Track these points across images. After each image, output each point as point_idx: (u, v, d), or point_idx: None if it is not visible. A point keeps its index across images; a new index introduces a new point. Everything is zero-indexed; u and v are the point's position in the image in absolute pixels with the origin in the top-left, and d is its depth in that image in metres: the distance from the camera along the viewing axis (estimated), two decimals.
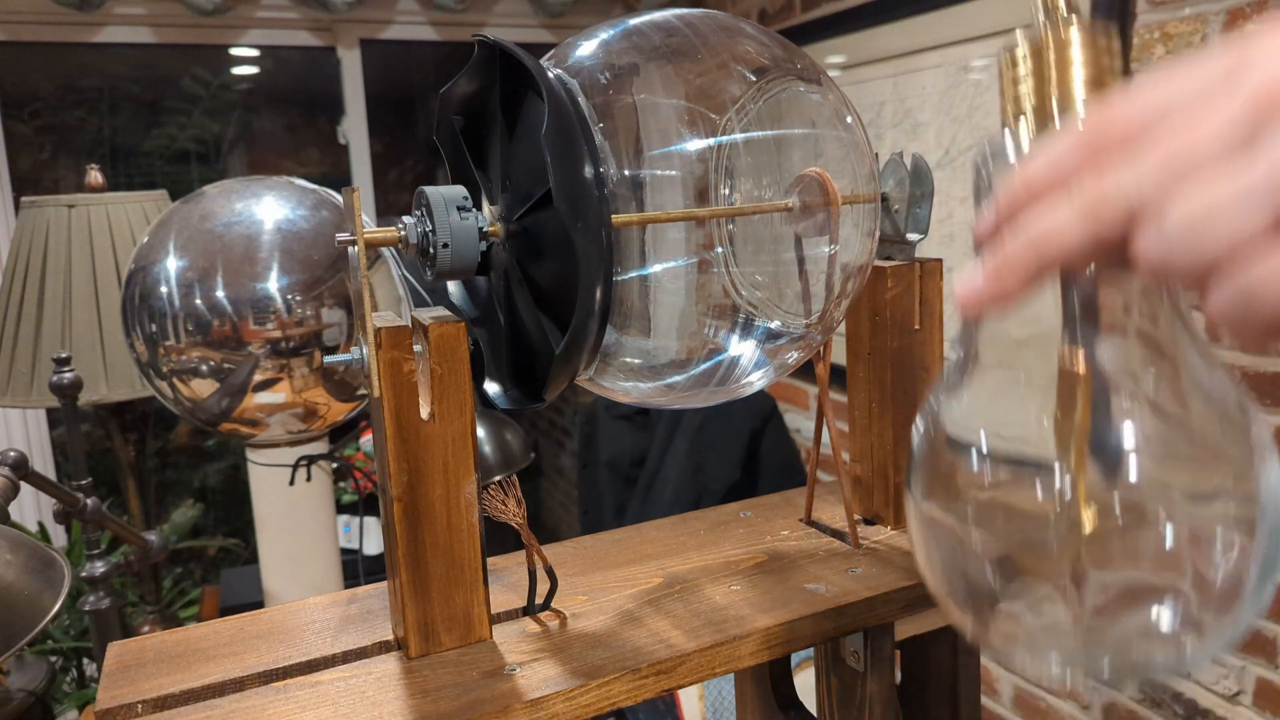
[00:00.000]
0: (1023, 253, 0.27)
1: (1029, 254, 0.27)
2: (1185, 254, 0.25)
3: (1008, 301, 0.28)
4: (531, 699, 0.46)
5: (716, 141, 0.49)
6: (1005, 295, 0.28)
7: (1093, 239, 0.26)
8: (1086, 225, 0.26)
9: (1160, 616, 0.32)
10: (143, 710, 0.47)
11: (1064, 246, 0.27)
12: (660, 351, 0.51)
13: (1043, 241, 0.27)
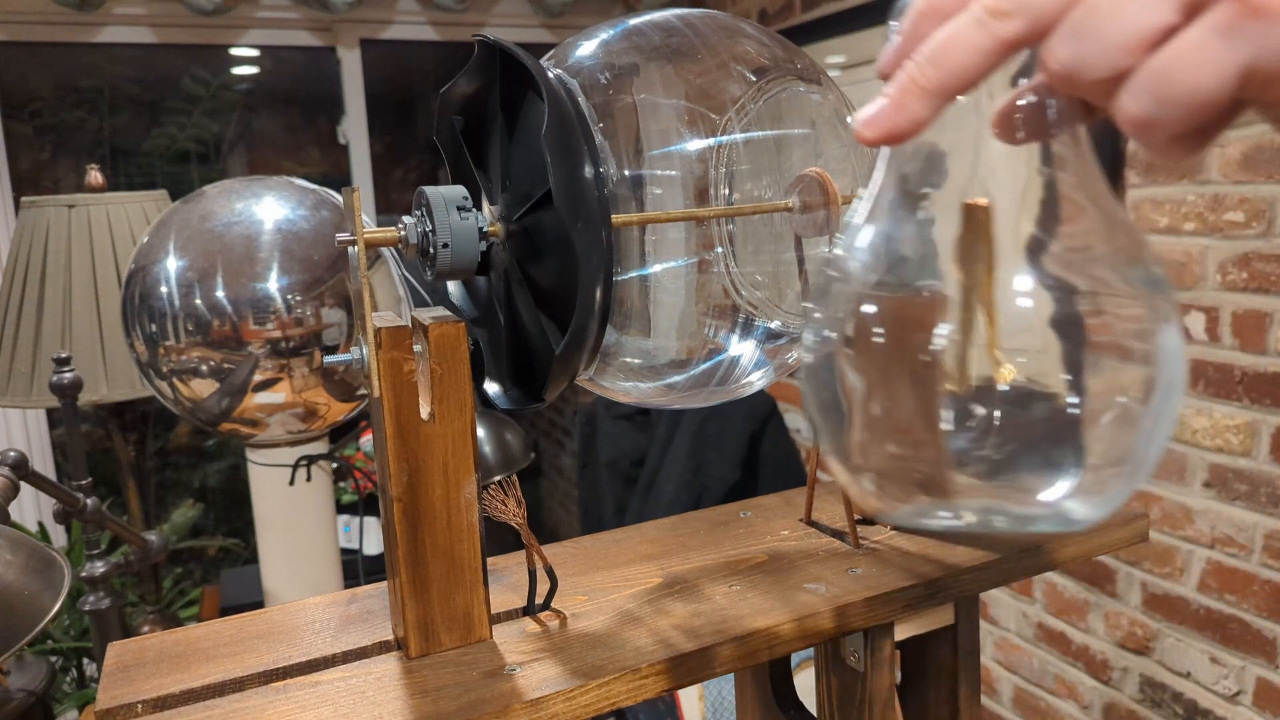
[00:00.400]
0: (923, 71, 0.26)
1: (929, 72, 0.26)
2: (1094, 54, 0.24)
3: (912, 127, 0.27)
4: (531, 699, 0.46)
5: (716, 141, 0.49)
6: (909, 119, 0.27)
7: (995, 48, 0.25)
8: (986, 32, 0.25)
9: (1045, 464, 0.32)
10: (143, 710, 0.47)
11: (965, 59, 0.25)
12: (660, 351, 0.51)
13: (942, 56, 0.26)
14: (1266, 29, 0.22)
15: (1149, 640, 1.54)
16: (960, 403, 0.32)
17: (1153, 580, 1.52)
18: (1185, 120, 0.23)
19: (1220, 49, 0.22)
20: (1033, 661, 1.78)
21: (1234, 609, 1.40)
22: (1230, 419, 1.36)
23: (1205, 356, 1.39)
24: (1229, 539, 1.39)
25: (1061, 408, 0.31)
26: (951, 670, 0.65)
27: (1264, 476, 1.33)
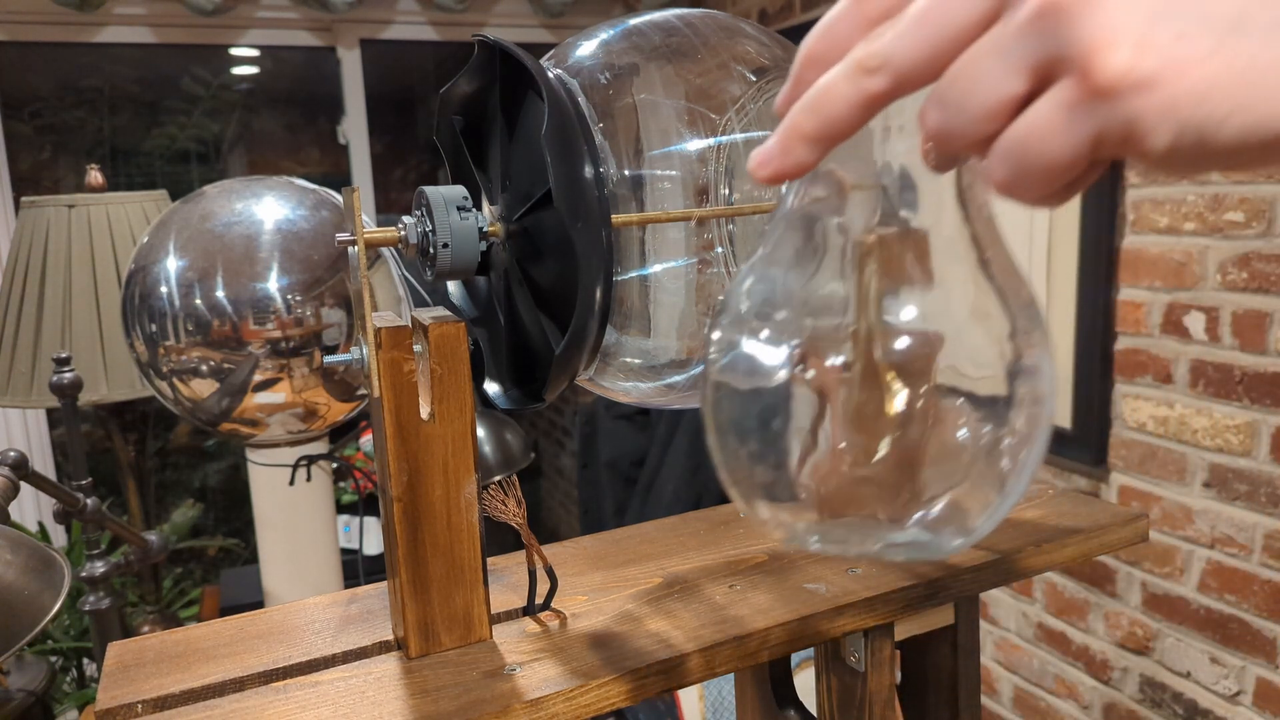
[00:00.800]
0: (804, 118, 0.28)
1: (809, 119, 0.27)
2: (958, 123, 0.25)
3: (797, 169, 0.28)
4: (531, 699, 0.46)
5: (717, 141, 0.49)
6: (794, 162, 0.28)
7: (863, 101, 0.26)
8: (855, 86, 0.26)
9: (923, 494, 0.33)
10: (143, 710, 0.47)
11: (838, 110, 0.27)
12: (660, 351, 0.51)
13: (819, 105, 0.27)
14: (1110, 107, 0.23)
15: (1149, 640, 1.54)
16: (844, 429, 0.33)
17: (1153, 580, 1.52)
18: (1046, 183, 0.25)
19: (1068, 123, 0.23)
20: (1033, 661, 1.78)
21: (1234, 609, 1.40)
22: (1230, 419, 1.36)
23: (1205, 356, 1.39)
24: (1229, 539, 1.39)
25: (941, 437, 0.33)
26: (951, 670, 0.65)
27: (1264, 476, 1.33)
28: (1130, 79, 0.22)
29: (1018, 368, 0.33)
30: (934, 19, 0.25)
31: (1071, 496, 0.69)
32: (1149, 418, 1.49)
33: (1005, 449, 0.33)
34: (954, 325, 0.34)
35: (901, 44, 0.26)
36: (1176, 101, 0.22)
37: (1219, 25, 0.22)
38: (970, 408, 0.33)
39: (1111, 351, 1.53)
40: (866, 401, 0.33)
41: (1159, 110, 0.22)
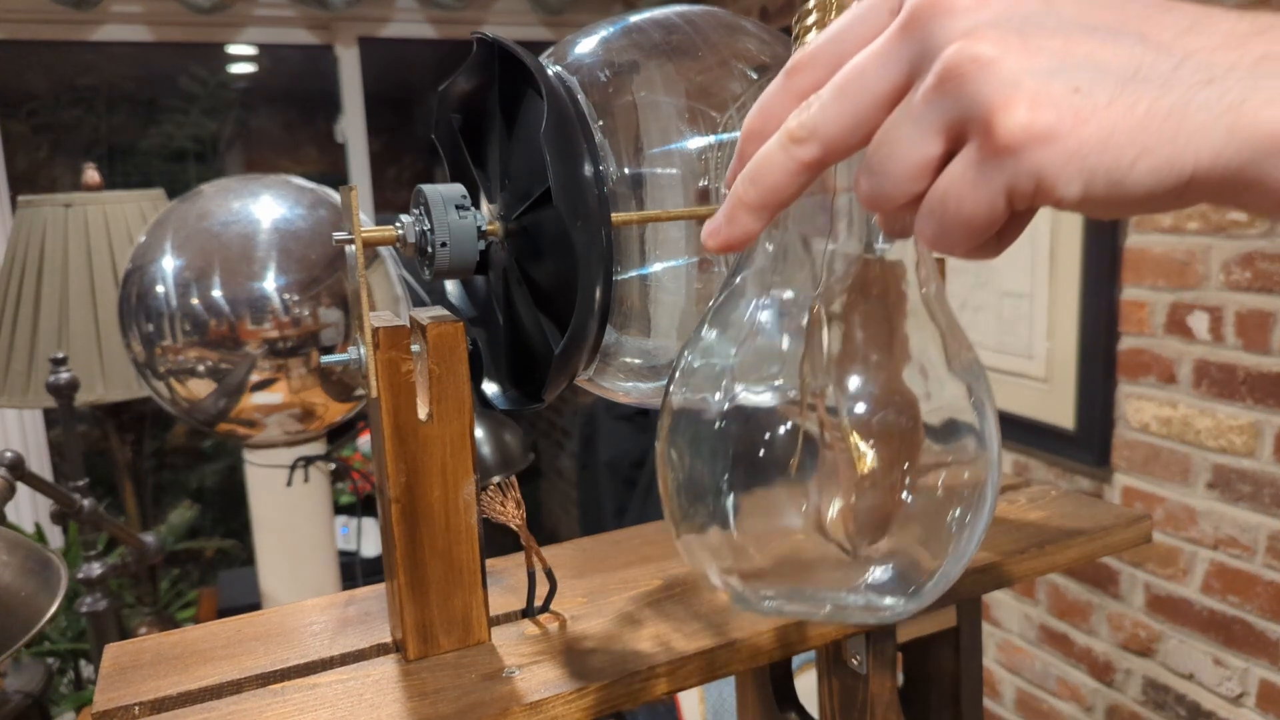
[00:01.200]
0: (745, 189, 0.29)
1: (750, 190, 0.29)
2: (886, 187, 0.27)
3: (744, 237, 0.30)
4: (530, 702, 0.45)
5: (717, 139, 0.48)
6: (741, 231, 0.30)
7: (797, 169, 0.28)
8: (788, 155, 0.28)
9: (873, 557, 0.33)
10: (140, 712, 0.46)
11: (775, 179, 0.28)
12: (660, 351, 0.50)
13: (758, 175, 0.29)
14: (1015, 161, 0.24)
15: (1152, 642, 1.54)
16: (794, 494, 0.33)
17: (1156, 582, 1.52)
18: (969, 237, 0.26)
19: (979, 180, 0.25)
20: (1035, 663, 1.78)
21: (1237, 610, 1.39)
22: (1234, 419, 1.36)
23: (1209, 357, 1.39)
24: (1232, 540, 1.39)
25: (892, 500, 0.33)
26: (954, 673, 0.64)
27: (1268, 477, 1.33)
28: (1030, 134, 0.23)
29: (967, 430, 0.34)
30: (852, 90, 0.27)
31: (1074, 497, 0.69)
32: (1152, 418, 1.48)
33: (955, 511, 0.33)
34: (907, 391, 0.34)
35: (825, 114, 0.27)
36: (1079, 150, 0.23)
37: (1115, 76, 0.24)
38: (922, 470, 0.33)
39: (1115, 352, 1.53)
40: (817, 465, 0.33)
41: (1062, 160, 0.23)
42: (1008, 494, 0.71)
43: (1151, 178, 0.23)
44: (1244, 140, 0.23)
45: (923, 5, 0.25)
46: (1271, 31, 0.24)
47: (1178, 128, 0.23)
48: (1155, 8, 0.25)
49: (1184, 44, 0.24)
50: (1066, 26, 0.25)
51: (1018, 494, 0.70)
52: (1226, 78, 0.23)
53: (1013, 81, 0.24)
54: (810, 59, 0.29)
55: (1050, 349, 1.63)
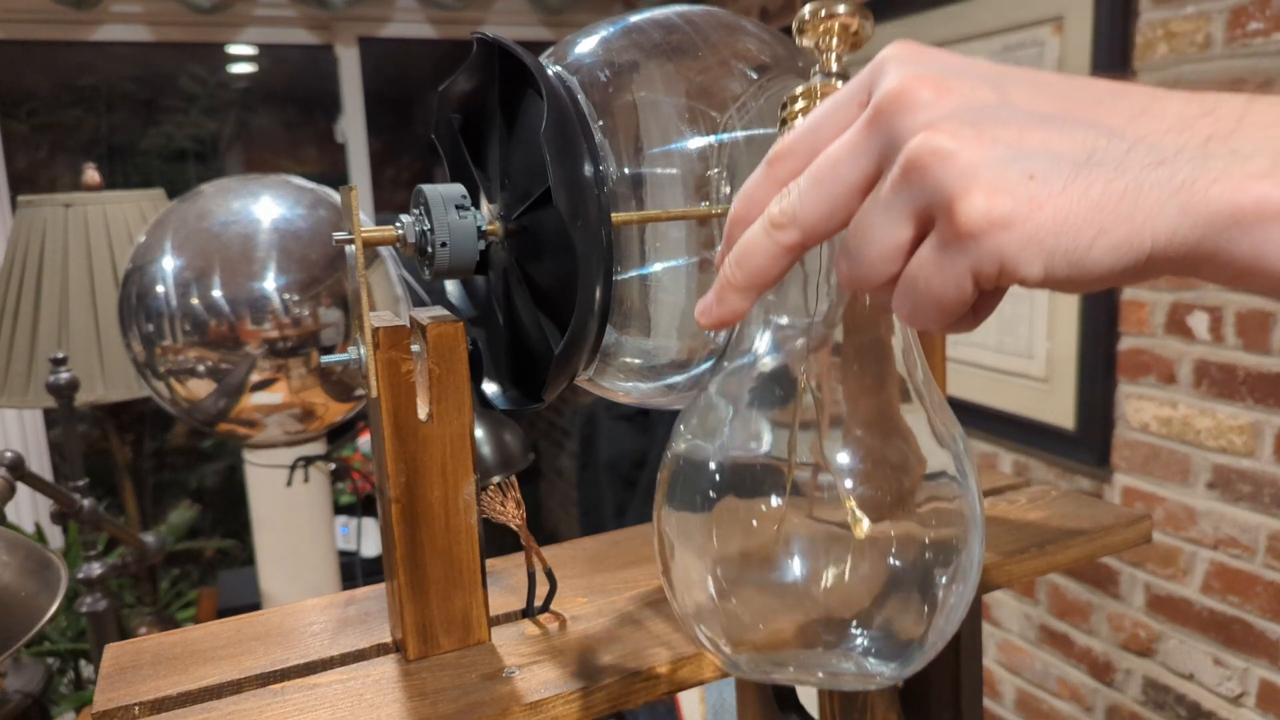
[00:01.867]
0: (733, 272, 0.31)
1: (737, 273, 0.31)
2: (863, 270, 0.28)
3: (734, 316, 0.32)
4: (530, 702, 0.45)
5: (717, 139, 0.48)
6: (730, 310, 0.32)
7: (779, 252, 0.30)
8: (770, 240, 0.30)
9: (862, 626, 0.34)
10: (140, 712, 0.46)
11: (759, 262, 0.30)
12: (660, 351, 0.50)
13: (743, 259, 0.30)
14: (978, 246, 0.25)
15: (1152, 642, 1.54)
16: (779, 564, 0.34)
17: (1156, 582, 1.52)
18: (942, 316, 0.28)
19: (945, 264, 0.26)
20: (1035, 664, 1.78)
21: (1237, 610, 1.39)
22: (1234, 419, 1.36)
23: (1209, 357, 1.39)
24: (1232, 540, 1.39)
25: (880, 571, 0.34)
26: (954, 673, 0.64)
27: (1268, 477, 1.33)
28: (988, 220, 0.25)
29: (953, 498, 0.35)
30: (827, 179, 0.28)
31: (1074, 498, 0.69)
32: (1152, 418, 1.48)
33: (942, 577, 0.34)
34: (896, 460, 0.35)
35: (804, 202, 0.29)
36: (1037, 234, 0.25)
37: (1069, 162, 0.25)
38: (910, 538, 0.34)
39: (1115, 352, 1.53)
40: (805, 535, 0.34)
41: (1021, 244, 0.25)
42: (1007, 494, 0.71)
43: (1111, 256, 0.25)
44: (1197, 217, 0.24)
45: (887, 100, 0.27)
46: (1217, 112, 0.25)
47: (1133, 208, 0.25)
48: (1107, 94, 0.27)
49: (1135, 128, 0.26)
50: (1020, 117, 0.26)
51: (1018, 494, 0.70)
52: (1176, 159, 0.25)
53: (970, 171, 0.25)
54: (789, 149, 0.30)
55: (1050, 349, 1.63)
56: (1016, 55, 1.63)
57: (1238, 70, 1.29)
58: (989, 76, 0.27)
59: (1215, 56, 1.32)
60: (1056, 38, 1.55)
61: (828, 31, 0.35)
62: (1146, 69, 1.42)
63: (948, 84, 0.27)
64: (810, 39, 0.35)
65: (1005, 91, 0.27)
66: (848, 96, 0.29)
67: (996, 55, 1.67)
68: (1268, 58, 1.25)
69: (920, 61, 0.28)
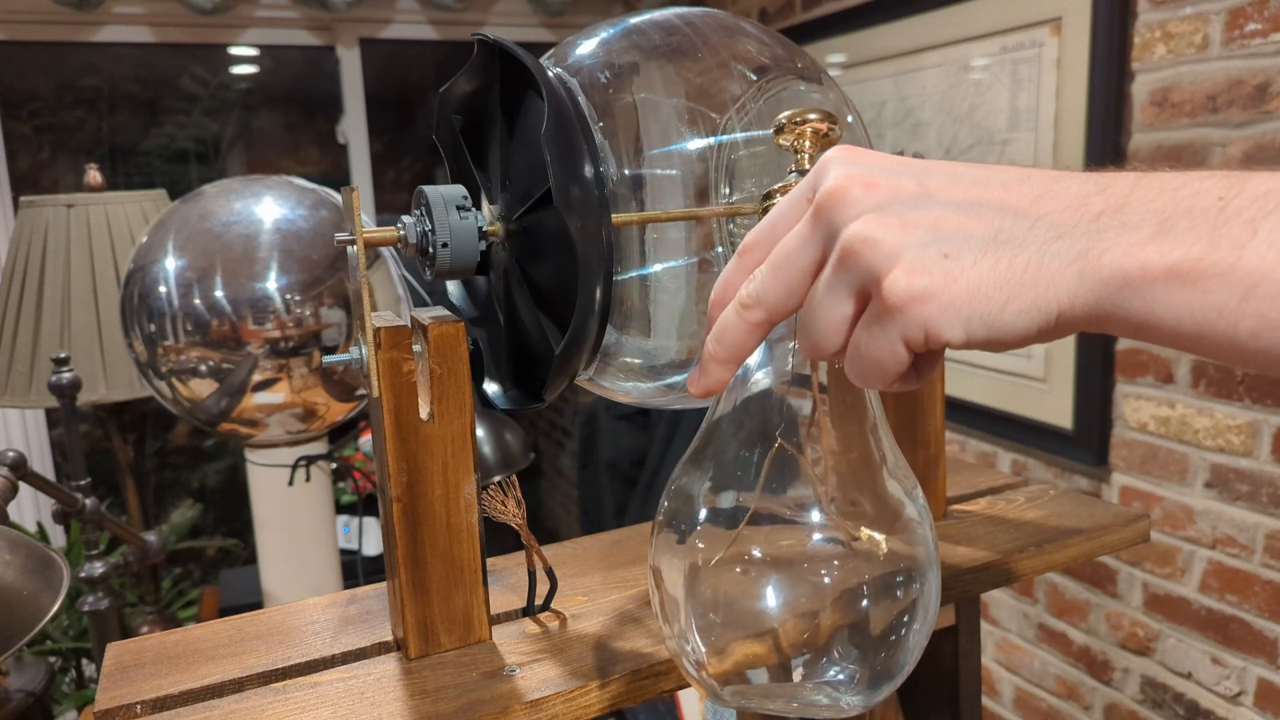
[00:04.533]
0: (714, 347, 0.35)
1: (717, 348, 0.35)
2: (816, 342, 0.33)
3: (718, 385, 0.36)
4: (531, 700, 0.45)
5: (717, 140, 0.49)
6: (714, 380, 0.36)
7: (749, 329, 0.34)
8: (741, 319, 0.34)
9: (832, 660, 0.37)
10: (141, 711, 0.46)
11: (735, 338, 0.34)
12: (660, 351, 0.51)
13: (721, 335, 0.35)
14: (904, 317, 0.29)
15: (1150, 641, 1.54)
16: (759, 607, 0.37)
17: (1154, 581, 1.52)
18: (884, 378, 0.32)
19: (879, 333, 0.31)
20: (1034, 662, 1.78)
21: (1235, 609, 1.39)
22: (1232, 419, 1.36)
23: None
24: (1230, 539, 1.39)
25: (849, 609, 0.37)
26: (952, 671, 0.64)
27: (1265, 477, 1.33)
28: (909, 294, 0.29)
29: (917, 542, 0.39)
30: (783, 266, 0.33)
31: (1073, 497, 0.69)
32: (1150, 418, 1.49)
33: (905, 615, 0.38)
34: (864, 509, 0.39)
35: (765, 286, 0.33)
36: (952, 303, 0.29)
37: (979, 241, 0.29)
38: (882, 580, 0.38)
39: (1113, 351, 1.53)
40: (783, 576, 0.37)
41: (940, 312, 0.29)
42: (1006, 493, 0.71)
43: (1022, 319, 0.29)
44: (1093, 282, 0.28)
45: (825, 197, 0.31)
46: (1110, 189, 0.29)
47: (1036, 276, 0.28)
48: (1014, 179, 0.31)
49: (1038, 208, 0.29)
50: (938, 206, 0.30)
51: (1016, 493, 0.71)
52: (1073, 232, 0.29)
53: (894, 254, 0.29)
54: (754, 242, 0.35)
55: (1049, 349, 1.64)
56: (1015, 56, 1.63)
57: (1236, 71, 1.29)
58: (912, 172, 0.31)
59: (1213, 57, 1.32)
60: (1055, 39, 1.55)
61: (801, 135, 0.39)
62: (1145, 70, 1.42)
63: (875, 181, 0.31)
64: (787, 140, 0.40)
65: (925, 184, 0.31)
66: (799, 195, 0.34)
67: (995, 56, 1.67)
68: (1265, 58, 1.26)
69: (855, 163, 0.32)
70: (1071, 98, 1.53)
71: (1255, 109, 1.27)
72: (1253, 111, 1.28)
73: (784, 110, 0.39)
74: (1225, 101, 1.31)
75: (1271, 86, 1.25)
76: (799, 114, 0.39)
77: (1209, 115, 1.33)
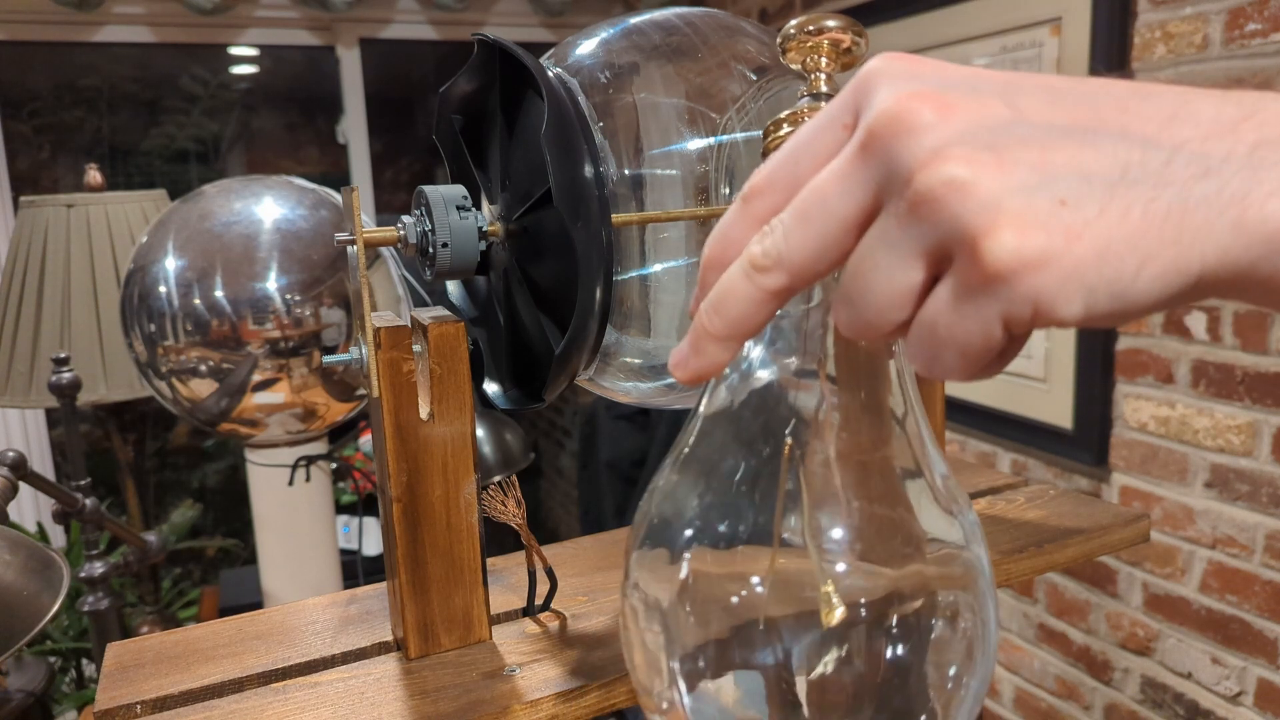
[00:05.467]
0: (710, 320, 0.27)
1: (715, 320, 0.27)
2: (866, 318, 0.25)
3: (712, 368, 0.28)
4: (531, 700, 0.45)
5: (717, 140, 0.49)
6: (709, 362, 0.28)
7: (762, 298, 0.26)
8: (753, 284, 0.26)
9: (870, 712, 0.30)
10: (141, 711, 0.46)
11: (740, 309, 0.26)
12: (660, 351, 0.51)
13: (722, 306, 0.27)
14: (1009, 289, 0.22)
15: (1150, 641, 1.54)
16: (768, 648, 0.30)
17: (1154, 581, 1.52)
18: (966, 366, 0.24)
19: (970, 310, 0.23)
20: (1034, 662, 1.78)
21: (1235, 609, 1.39)
22: (1231, 419, 1.36)
23: (1206, 356, 1.39)
24: (1230, 539, 1.39)
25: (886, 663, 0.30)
26: None
27: (1265, 477, 1.33)
28: (1020, 260, 0.22)
29: (962, 584, 0.30)
30: (816, 215, 0.25)
31: (1073, 497, 0.69)
32: (1150, 418, 1.49)
33: (951, 674, 0.30)
34: (901, 539, 0.30)
35: (790, 241, 0.25)
36: (1076, 270, 0.22)
37: (1102, 181, 0.22)
38: (918, 632, 0.30)
39: (1113, 351, 1.53)
40: (786, 632, 0.30)
41: (1059, 282, 0.22)
42: (1005, 493, 0.71)
43: (1158, 285, 0.22)
44: (1252, 237, 0.21)
45: (881, 123, 0.23)
46: (1260, 114, 0.23)
47: (1179, 228, 0.22)
48: (1132, 96, 0.23)
49: (1170, 135, 0.23)
50: (1040, 133, 0.23)
51: (1016, 493, 0.71)
52: (1223, 169, 0.22)
53: (993, 203, 0.22)
54: (767, 182, 0.27)
55: (1049, 349, 1.64)
56: (1015, 56, 1.63)
57: (1236, 71, 1.29)
58: (995, 87, 0.24)
59: (1213, 57, 1.32)
60: (1055, 39, 1.55)
61: (815, 49, 0.31)
62: (1145, 70, 1.42)
63: (951, 100, 0.23)
64: (797, 57, 0.32)
65: (1017, 104, 0.23)
66: (830, 119, 0.26)
67: (995, 56, 1.67)
68: (1265, 58, 1.26)
69: (915, 75, 0.24)
70: None
71: None
72: None
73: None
74: None
75: (1272, 86, 1.25)
76: (812, 20, 0.31)
77: None
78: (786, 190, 0.26)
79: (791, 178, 0.26)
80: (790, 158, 0.26)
